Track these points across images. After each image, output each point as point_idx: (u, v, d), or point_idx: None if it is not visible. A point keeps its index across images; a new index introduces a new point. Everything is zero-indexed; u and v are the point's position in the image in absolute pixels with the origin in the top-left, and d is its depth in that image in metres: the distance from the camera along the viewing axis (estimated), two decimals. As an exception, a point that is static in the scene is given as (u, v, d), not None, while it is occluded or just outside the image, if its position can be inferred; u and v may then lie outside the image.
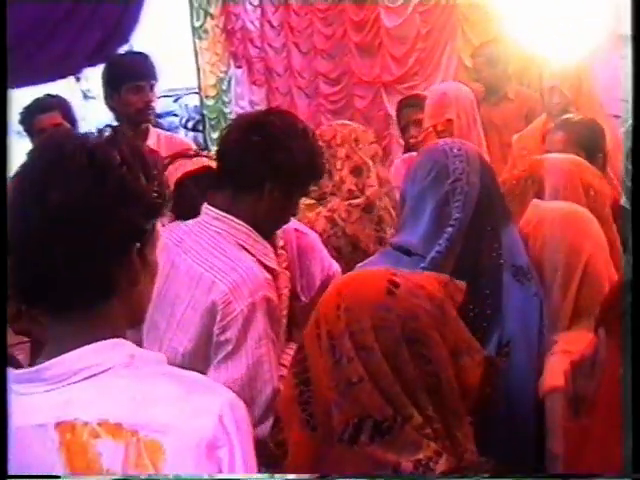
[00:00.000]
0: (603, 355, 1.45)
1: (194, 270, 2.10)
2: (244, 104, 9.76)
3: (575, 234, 2.03)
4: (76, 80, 7.58)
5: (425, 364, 1.48)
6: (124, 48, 6.03)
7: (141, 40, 6.49)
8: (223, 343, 2.03)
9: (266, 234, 2.19)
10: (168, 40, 10.32)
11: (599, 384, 1.47)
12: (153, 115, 3.59)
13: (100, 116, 3.66)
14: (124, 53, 4.18)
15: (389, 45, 7.24)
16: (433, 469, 1.42)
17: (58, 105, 3.77)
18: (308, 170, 2.17)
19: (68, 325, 1.25)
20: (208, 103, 10.77)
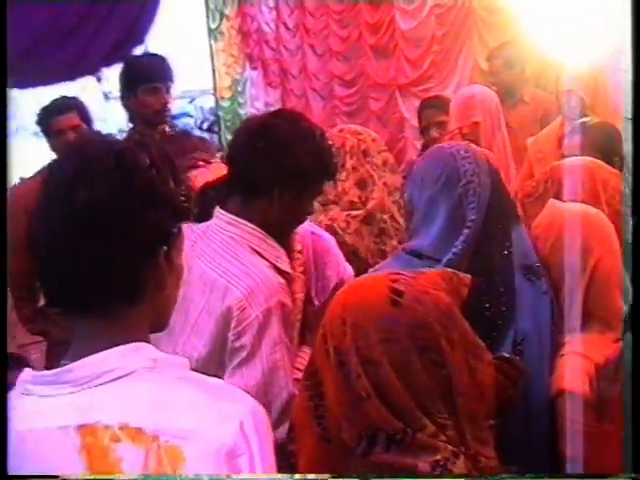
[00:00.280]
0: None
1: (207, 275, 2.09)
2: (259, 105, 9.77)
3: (586, 235, 2.02)
4: (97, 81, 7.62)
5: (439, 370, 1.46)
6: (140, 49, 6.06)
7: (157, 41, 6.52)
8: (238, 349, 2.02)
9: (280, 237, 2.18)
10: (183, 41, 10.33)
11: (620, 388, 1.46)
12: (169, 116, 3.60)
13: (121, 118, 3.67)
14: (141, 55, 4.20)
15: (404, 47, 7.23)
16: (451, 469, 1.42)
17: (76, 106, 3.78)
18: (316, 172, 2.15)
19: (93, 327, 1.25)
20: (223, 104, 10.79)
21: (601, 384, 1.76)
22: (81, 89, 8.66)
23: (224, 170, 2.44)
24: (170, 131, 3.51)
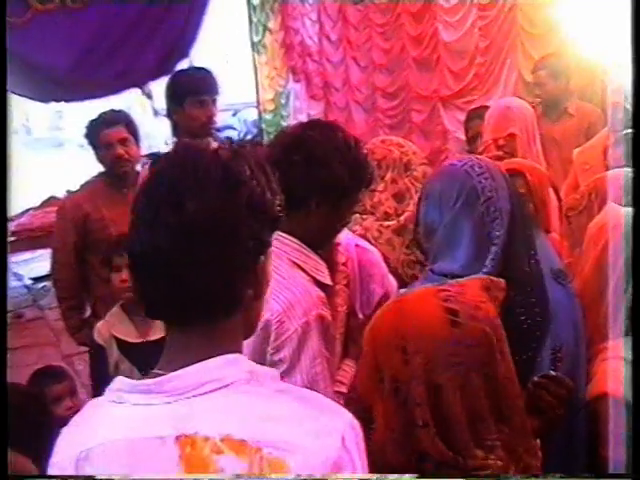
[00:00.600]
0: None
1: None
2: (302, 118, 9.80)
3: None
4: (147, 98, 7.74)
5: (493, 385, 1.46)
6: (184, 62, 6.14)
7: (201, 55, 6.60)
8: (277, 362, 2.01)
9: (319, 248, 2.17)
10: (227, 55, 10.44)
11: None
12: (214, 129, 3.64)
13: (170, 133, 3.71)
14: (187, 68, 4.25)
15: (447, 59, 7.21)
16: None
17: (124, 119, 3.83)
18: (352, 182, 2.13)
19: (190, 337, 1.25)
20: (266, 117, 10.87)
21: None
22: (131, 104, 8.79)
23: None
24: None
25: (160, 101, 3.74)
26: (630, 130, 3.24)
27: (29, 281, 7.80)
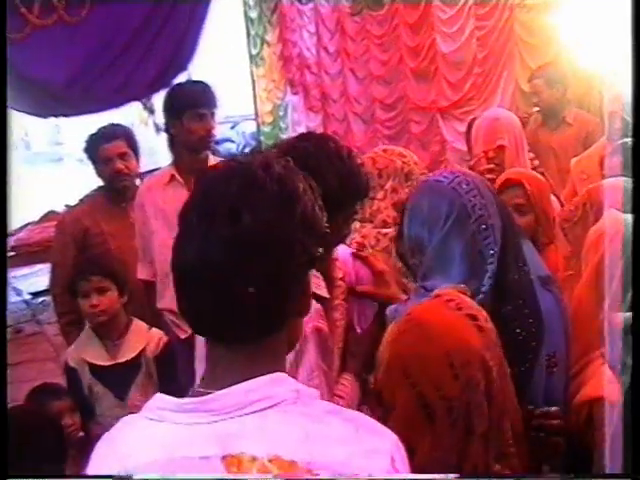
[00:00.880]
0: None
1: None
2: (301, 130, 9.81)
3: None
4: (150, 113, 7.74)
5: (508, 386, 1.49)
6: (183, 76, 6.15)
7: (199, 68, 6.61)
8: None
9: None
10: (225, 68, 10.47)
11: None
12: (213, 143, 3.63)
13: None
14: (185, 82, 4.24)
15: (445, 70, 7.24)
16: None
17: (123, 134, 3.83)
18: (346, 193, 2.11)
19: (237, 354, 1.22)
20: (265, 130, 10.89)
21: None
22: (133, 120, 8.79)
23: None
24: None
25: (161, 117, 3.73)
26: (628, 139, 3.24)
27: (28, 296, 7.79)
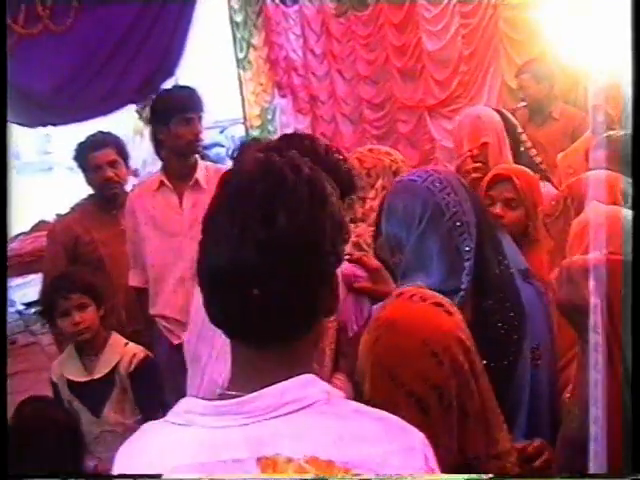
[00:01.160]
0: None
1: None
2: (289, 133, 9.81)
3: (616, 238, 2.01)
4: (146, 123, 7.73)
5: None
6: (170, 81, 6.15)
7: (186, 73, 6.61)
8: None
9: None
10: (212, 72, 10.47)
11: None
12: (201, 147, 3.64)
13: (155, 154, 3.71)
14: (171, 88, 4.24)
15: (432, 69, 7.26)
16: None
17: (112, 142, 3.84)
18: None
19: (268, 357, 1.22)
20: (253, 133, 10.88)
21: None
22: (125, 129, 8.74)
23: None
24: None
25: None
26: (612, 132, 3.27)
27: (21, 306, 7.77)
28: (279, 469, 1.13)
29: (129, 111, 6.72)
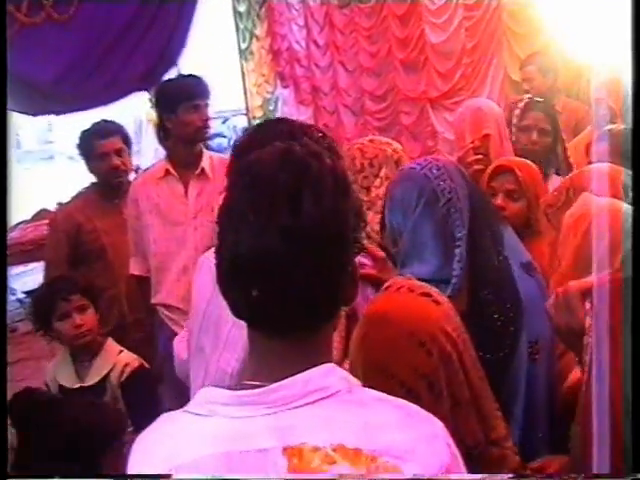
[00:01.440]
0: None
1: None
2: (291, 124, 9.80)
3: (614, 229, 2.01)
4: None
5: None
6: (173, 71, 6.14)
7: (188, 63, 6.60)
8: None
9: None
10: (215, 62, 10.45)
11: None
12: (209, 134, 3.63)
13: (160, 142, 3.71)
14: (177, 76, 4.24)
15: (434, 61, 7.25)
16: None
17: (118, 130, 3.84)
18: None
19: (290, 346, 1.21)
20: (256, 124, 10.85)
21: None
22: (132, 117, 8.71)
23: None
24: None
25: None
26: (613, 126, 3.26)
27: (22, 295, 7.78)
28: (305, 458, 1.13)
29: (141, 99, 6.69)
